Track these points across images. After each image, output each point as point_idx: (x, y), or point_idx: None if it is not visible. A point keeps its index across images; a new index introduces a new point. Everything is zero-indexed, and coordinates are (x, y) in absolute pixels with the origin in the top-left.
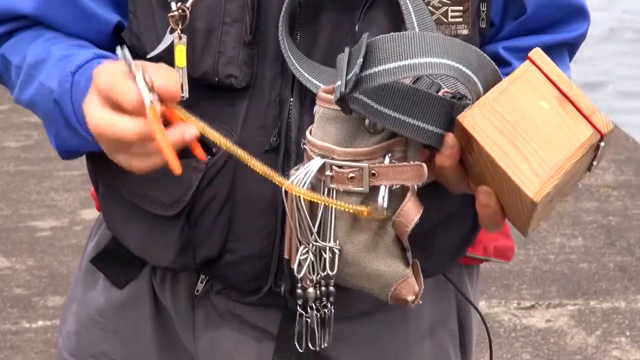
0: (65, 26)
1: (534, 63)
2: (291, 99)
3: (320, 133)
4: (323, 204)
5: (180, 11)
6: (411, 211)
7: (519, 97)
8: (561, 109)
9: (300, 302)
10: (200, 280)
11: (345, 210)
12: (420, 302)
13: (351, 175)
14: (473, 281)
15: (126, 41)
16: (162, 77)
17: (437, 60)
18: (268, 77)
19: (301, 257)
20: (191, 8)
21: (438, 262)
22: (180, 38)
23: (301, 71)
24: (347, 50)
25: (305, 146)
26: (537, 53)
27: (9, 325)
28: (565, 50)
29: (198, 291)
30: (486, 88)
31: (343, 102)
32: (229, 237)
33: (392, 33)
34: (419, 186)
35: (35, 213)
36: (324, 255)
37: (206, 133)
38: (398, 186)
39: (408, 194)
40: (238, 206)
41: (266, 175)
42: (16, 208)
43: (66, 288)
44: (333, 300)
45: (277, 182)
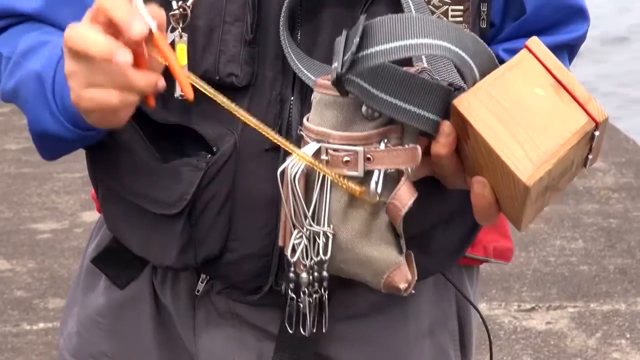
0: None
1: (531, 51)
2: (292, 98)
3: (317, 119)
4: (318, 190)
5: (181, 10)
6: (405, 195)
7: (515, 84)
8: (557, 97)
9: (292, 286)
10: (200, 280)
11: (339, 185)
12: (413, 292)
13: (346, 159)
14: (473, 282)
15: None
16: (154, 8)
17: (434, 41)
18: (269, 76)
19: (295, 242)
20: (192, 7)
21: (438, 262)
22: (181, 37)
23: (302, 69)
24: (345, 32)
25: (302, 132)
26: (535, 42)
27: (10, 327)
28: (565, 51)
29: (199, 291)
30: (482, 74)
31: (339, 84)
32: (230, 236)
33: (390, 15)
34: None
35: (36, 215)
36: (318, 240)
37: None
38: (393, 170)
39: (402, 178)
40: (238, 205)
41: (269, 135)
42: (17, 210)
43: (67, 290)
44: (326, 285)
45: (277, 141)
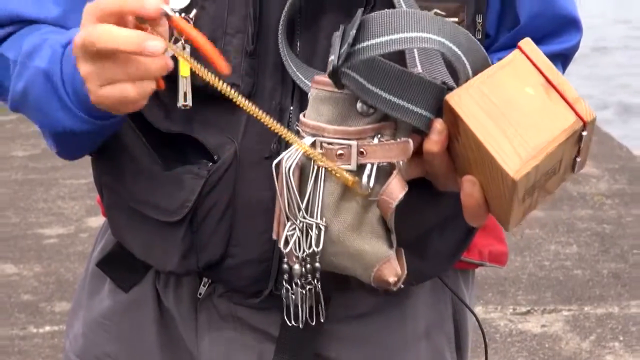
0: None
1: (523, 52)
2: (291, 107)
3: (313, 114)
4: (312, 183)
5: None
6: (396, 189)
7: (506, 82)
8: (546, 96)
9: (286, 277)
10: (202, 283)
11: (333, 173)
12: (402, 286)
13: (340, 152)
14: (469, 285)
15: None
16: None
17: (428, 35)
18: (269, 86)
19: (288, 233)
20: (195, 19)
21: (434, 266)
22: (184, 48)
23: (300, 77)
24: (342, 27)
25: (297, 127)
26: (527, 42)
27: (17, 330)
28: (558, 61)
29: (201, 294)
30: (475, 71)
31: (336, 76)
32: (231, 242)
33: (386, 10)
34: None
35: (42, 221)
36: (311, 232)
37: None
38: (385, 164)
39: (394, 172)
40: (239, 212)
41: (280, 131)
42: (24, 216)
43: (72, 294)
44: (319, 276)
45: (279, 131)
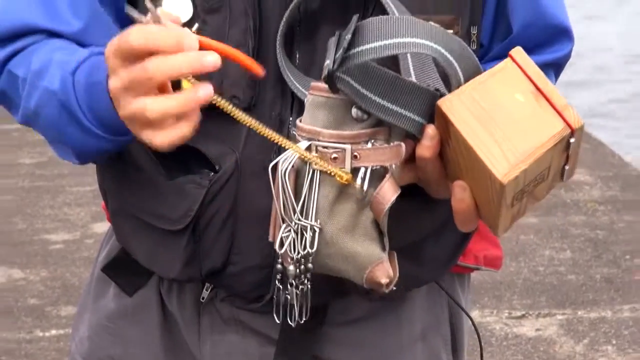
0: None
1: (514, 60)
2: (290, 118)
3: (309, 119)
4: (307, 186)
5: None
6: (388, 191)
7: (497, 89)
8: (536, 103)
9: (279, 277)
10: (205, 288)
11: (328, 171)
12: (394, 288)
13: (334, 155)
14: (464, 289)
15: None
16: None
17: (422, 41)
18: (269, 98)
19: (283, 235)
20: (197, 32)
21: (430, 271)
22: None
23: (298, 87)
24: (338, 32)
25: (294, 132)
26: (518, 51)
27: (24, 334)
28: (551, 70)
29: (203, 298)
30: (467, 78)
31: (331, 80)
32: (232, 250)
33: (381, 16)
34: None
35: (49, 227)
36: (305, 234)
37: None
38: (379, 168)
39: (387, 175)
40: (240, 220)
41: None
42: (31, 222)
43: (78, 298)
44: (309, 277)
45: (281, 142)
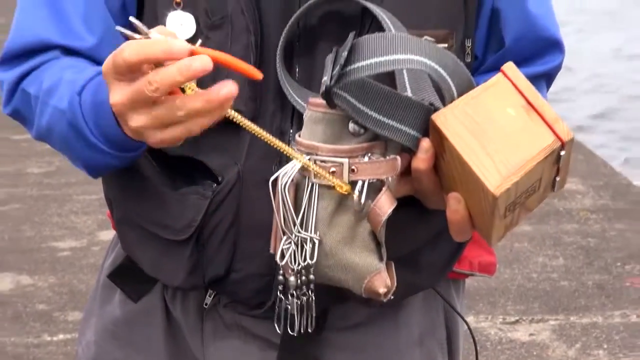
0: None
1: (506, 75)
2: (291, 130)
3: (307, 134)
4: (306, 199)
5: None
6: (385, 203)
7: (489, 103)
8: (527, 116)
9: (281, 288)
10: (208, 294)
11: (328, 181)
12: (392, 297)
13: (333, 169)
14: (460, 294)
15: None
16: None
17: (416, 57)
18: (270, 111)
19: (284, 247)
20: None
21: (427, 277)
22: None
23: (298, 100)
24: (335, 49)
25: (293, 147)
26: (510, 66)
27: (32, 338)
28: (542, 81)
29: (207, 305)
30: (460, 92)
31: (328, 96)
32: (235, 258)
33: (376, 33)
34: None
35: (56, 234)
36: (305, 246)
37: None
38: (376, 181)
39: (383, 188)
40: (242, 230)
41: (280, 147)
42: (39, 230)
43: (85, 304)
44: (313, 288)
45: (283, 149)
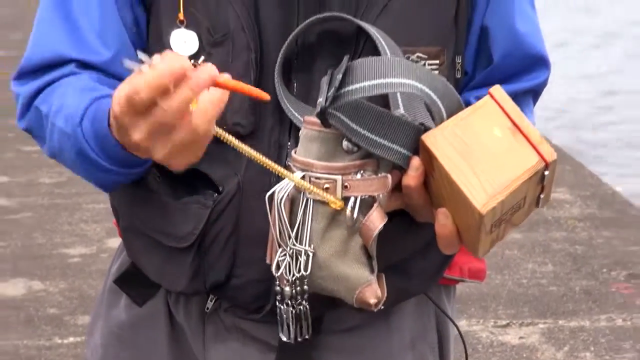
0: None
1: (493, 98)
2: (289, 144)
3: (303, 151)
4: (301, 214)
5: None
6: (376, 219)
7: (477, 125)
8: (513, 138)
9: (278, 298)
10: (210, 299)
11: (322, 197)
12: (382, 307)
13: (326, 185)
14: (450, 299)
15: None
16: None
17: (407, 81)
18: (268, 125)
19: (279, 259)
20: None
21: (418, 284)
22: None
23: (296, 115)
24: (330, 71)
25: (289, 163)
26: (497, 89)
27: (44, 341)
28: (529, 96)
29: (208, 309)
30: (449, 114)
31: (323, 116)
32: (235, 264)
33: (370, 57)
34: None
35: (67, 241)
36: (300, 258)
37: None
38: (367, 197)
39: (375, 204)
40: (242, 238)
41: (272, 167)
42: (50, 237)
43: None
44: (307, 297)
45: (279, 172)
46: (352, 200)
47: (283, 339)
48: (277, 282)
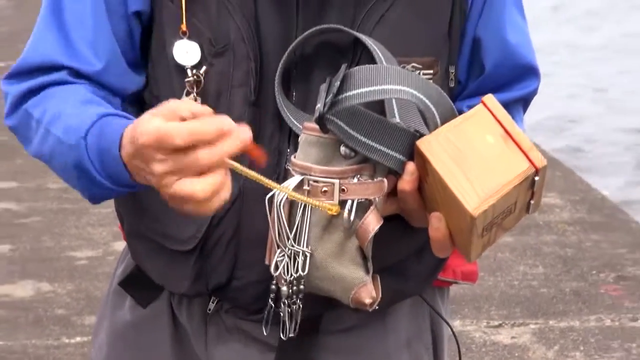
0: (118, 89)
1: (486, 106)
2: (288, 150)
3: (302, 156)
4: (299, 216)
5: (195, 77)
6: (372, 222)
7: (470, 132)
8: (504, 144)
9: (272, 296)
10: (211, 300)
11: (318, 207)
12: (377, 307)
13: (324, 189)
14: (444, 300)
15: (146, 101)
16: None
17: (403, 87)
18: (268, 132)
19: (278, 259)
20: (205, 74)
21: (413, 285)
22: (195, 99)
23: (295, 122)
24: (328, 79)
25: (288, 167)
26: (489, 98)
27: (52, 340)
28: (520, 105)
29: (210, 310)
30: (443, 120)
31: (321, 121)
32: (236, 267)
33: (367, 65)
34: (382, 201)
35: (74, 244)
36: (298, 258)
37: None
38: (364, 200)
39: (371, 207)
40: (243, 241)
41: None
42: (58, 240)
43: None
44: (302, 297)
45: (274, 187)
46: (349, 203)
47: (265, 333)
48: (274, 282)
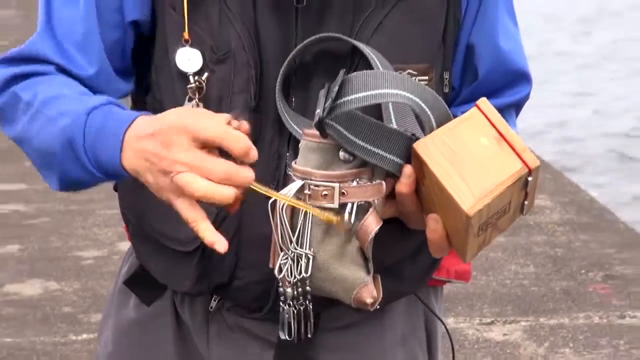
0: (107, 90)
1: (480, 109)
2: (287, 154)
3: (302, 161)
4: (301, 219)
5: (197, 83)
6: (372, 223)
7: (465, 134)
8: (498, 146)
9: (282, 299)
10: (213, 299)
11: (318, 216)
12: (378, 307)
13: (324, 192)
14: (438, 299)
15: (148, 107)
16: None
17: (400, 92)
18: (268, 137)
19: (281, 262)
20: (206, 81)
21: (409, 285)
22: (197, 105)
23: (295, 128)
24: (327, 85)
25: (289, 172)
26: (483, 101)
27: (59, 338)
28: (512, 109)
29: (212, 308)
30: (439, 124)
31: (321, 126)
32: (237, 267)
33: (365, 70)
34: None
35: (81, 245)
36: (301, 261)
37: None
38: (363, 203)
39: (370, 209)
40: (244, 242)
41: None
42: (65, 240)
43: None
44: (310, 298)
45: (276, 196)
46: (349, 205)
47: (282, 337)
48: (280, 284)
